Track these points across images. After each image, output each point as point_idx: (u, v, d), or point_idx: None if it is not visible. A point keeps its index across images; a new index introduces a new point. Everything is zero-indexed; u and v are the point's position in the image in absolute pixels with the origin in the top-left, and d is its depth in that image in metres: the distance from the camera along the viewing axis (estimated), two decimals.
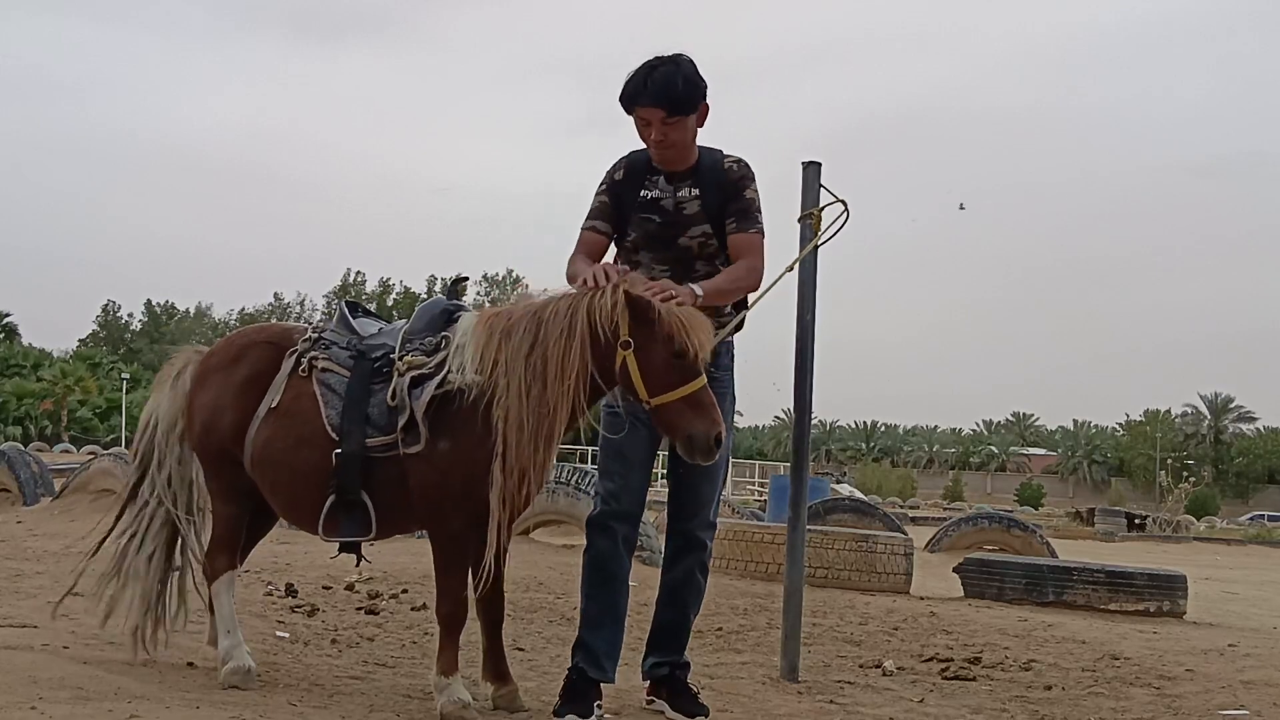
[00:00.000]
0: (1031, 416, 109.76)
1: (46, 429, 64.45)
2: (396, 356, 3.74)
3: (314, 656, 4.56)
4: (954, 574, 9.12)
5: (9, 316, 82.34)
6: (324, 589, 6.26)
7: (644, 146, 4.04)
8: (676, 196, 4.01)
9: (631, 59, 3.95)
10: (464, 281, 4.10)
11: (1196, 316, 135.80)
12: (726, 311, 4.06)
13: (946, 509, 44.54)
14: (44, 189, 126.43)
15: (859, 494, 28.22)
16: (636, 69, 3.92)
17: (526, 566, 7.63)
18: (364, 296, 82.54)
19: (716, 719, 4.03)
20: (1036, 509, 58.82)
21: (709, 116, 4.02)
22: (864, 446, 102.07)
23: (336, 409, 3.75)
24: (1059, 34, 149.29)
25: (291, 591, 5.97)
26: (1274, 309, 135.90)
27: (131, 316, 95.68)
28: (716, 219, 4.00)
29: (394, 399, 3.66)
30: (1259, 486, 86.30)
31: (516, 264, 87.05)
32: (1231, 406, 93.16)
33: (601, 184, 4.11)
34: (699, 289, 3.76)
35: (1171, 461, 59.51)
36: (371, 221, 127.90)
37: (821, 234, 4.78)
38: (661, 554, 4.36)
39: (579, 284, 3.65)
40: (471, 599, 3.80)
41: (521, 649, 5.04)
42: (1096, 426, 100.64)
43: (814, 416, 5.26)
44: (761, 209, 4.03)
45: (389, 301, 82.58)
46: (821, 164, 4.90)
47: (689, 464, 3.70)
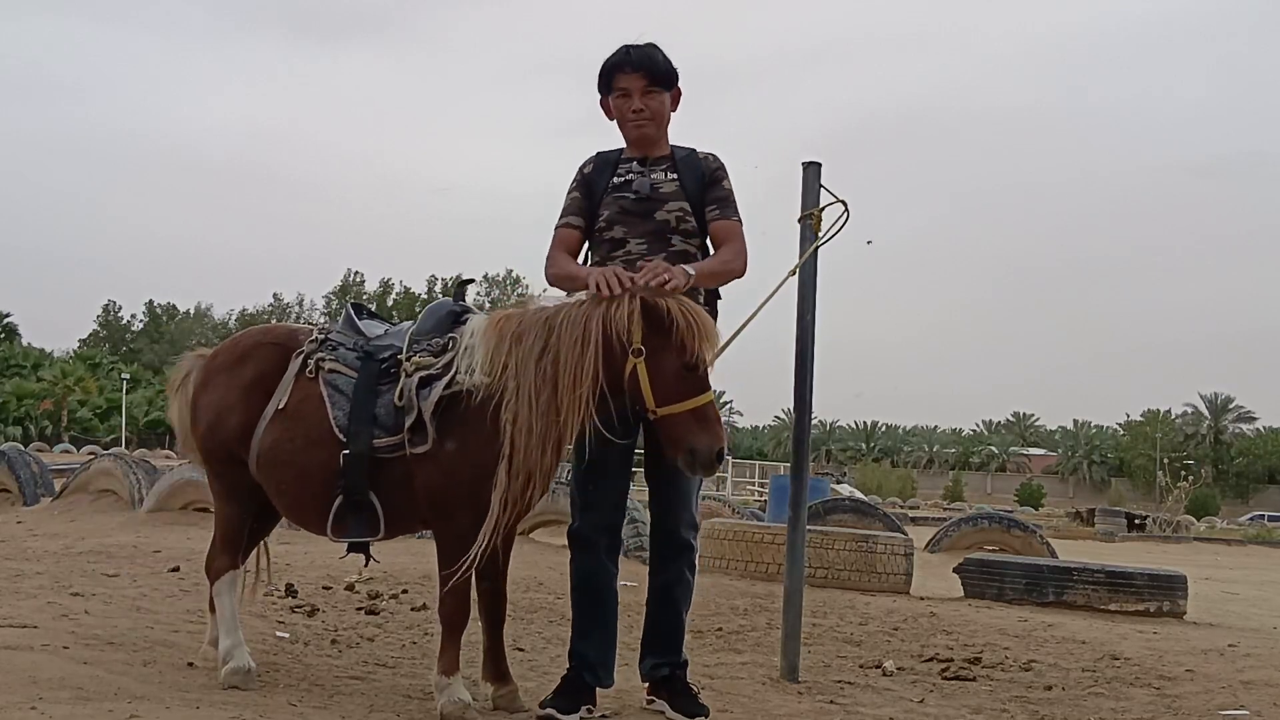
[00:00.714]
0: (1031, 416, 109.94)
1: (46, 429, 64.49)
2: (404, 357, 3.75)
3: (314, 656, 4.56)
4: (954, 574, 9.12)
5: (9, 316, 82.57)
6: (324, 589, 6.26)
7: (613, 148, 4.14)
8: (652, 178, 4.05)
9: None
10: (469, 283, 4.09)
11: (1196, 316, 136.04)
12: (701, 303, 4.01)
13: (946, 509, 44.55)
14: (44, 189, 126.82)
15: (859, 494, 28.20)
16: (613, 51, 4.06)
17: (526, 566, 7.62)
18: (364, 296, 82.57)
19: (716, 719, 4.02)
20: (1036, 509, 58.83)
21: (680, 103, 4.14)
22: (864, 447, 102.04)
23: (344, 410, 3.75)
24: (1059, 34, 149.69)
25: (291, 592, 5.96)
26: (1274, 309, 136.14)
27: (133, 317, 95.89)
28: (695, 201, 4.04)
29: (401, 399, 3.67)
30: (1259, 486, 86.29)
31: (516, 264, 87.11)
32: (1231, 406, 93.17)
33: (573, 181, 4.17)
34: (691, 270, 3.75)
35: (1171, 462, 59.36)
36: (371, 221, 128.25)
37: (823, 235, 4.78)
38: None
39: (591, 289, 3.62)
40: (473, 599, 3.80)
41: (521, 649, 5.04)
42: (1096, 426, 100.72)
43: (814, 416, 5.25)
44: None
45: (389, 302, 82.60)
46: (821, 164, 4.90)
47: (669, 467, 3.69)
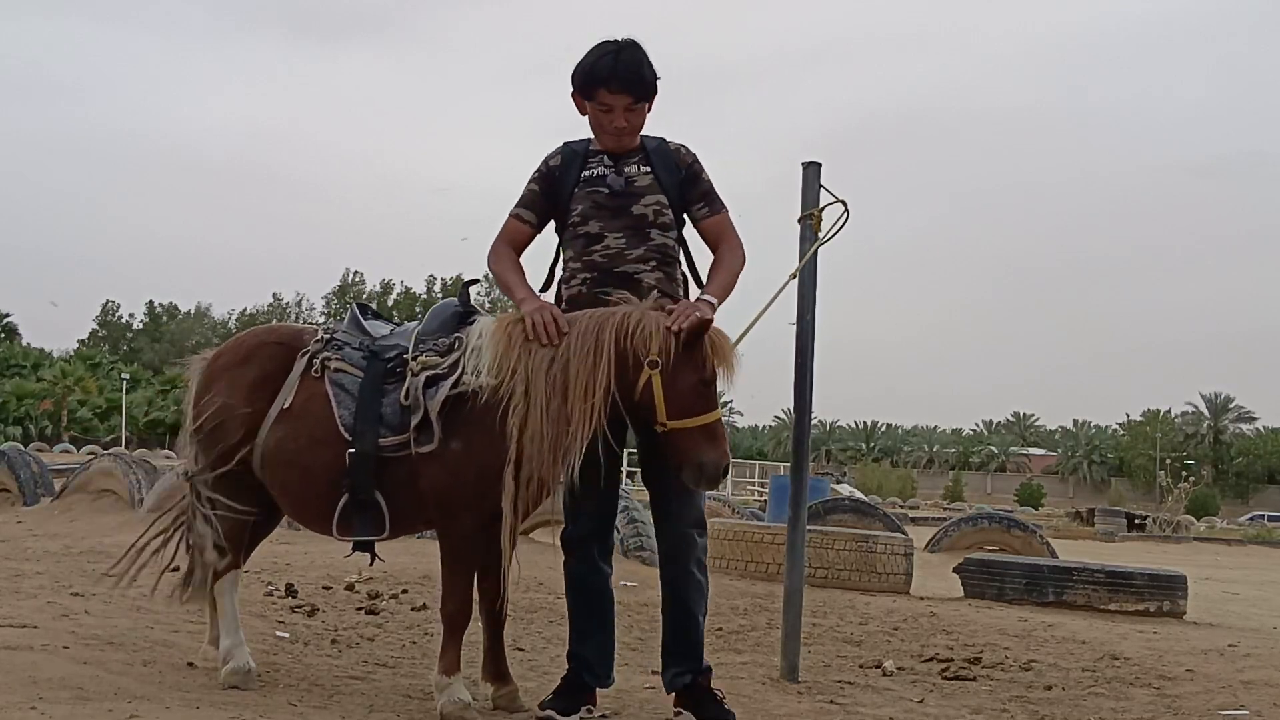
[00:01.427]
0: (1031, 416, 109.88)
1: (46, 429, 64.44)
2: (410, 357, 3.74)
3: (314, 656, 4.56)
4: (954, 574, 9.13)
5: (9, 316, 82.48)
6: (324, 589, 6.26)
7: (580, 138, 4.00)
8: (625, 173, 3.93)
9: None
10: (473, 284, 4.08)
11: (1196, 316, 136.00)
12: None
13: (946, 509, 44.58)
14: (44, 189, 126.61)
15: (859, 494, 28.23)
16: (598, 52, 3.83)
17: (526, 566, 7.54)
18: (364, 296, 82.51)
19: None
20: (1036, 509, 58.85)
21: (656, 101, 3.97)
22: (864, 447, 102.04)
23: (350, 409, 3.75)
24: (1059, 34, 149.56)
25: (291, 591, 5.96)
26: (1274, 309, 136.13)
27: (132, 316, 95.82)
28: (672, 195, 3.93)
29: (407, 399, 3.67)
30: (1259, 486, 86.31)
31: None
32: (1231, 406, 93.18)
33: (535, 172, 4.00)
34: (714, 299, 3.77)
35: (1171, 461, 59.46)
36: (371, 221, 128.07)
37: (823, 235, 4.78)
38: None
39: (526, 326, 3.62)
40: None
41: (521, 649, 5.04)
42: (1096, 426, 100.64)
43: (814, 416, 5.25)
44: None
45: (389, 302, 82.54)
46: (821, 164, 4.90)
47: (665, 467, 3.68)
